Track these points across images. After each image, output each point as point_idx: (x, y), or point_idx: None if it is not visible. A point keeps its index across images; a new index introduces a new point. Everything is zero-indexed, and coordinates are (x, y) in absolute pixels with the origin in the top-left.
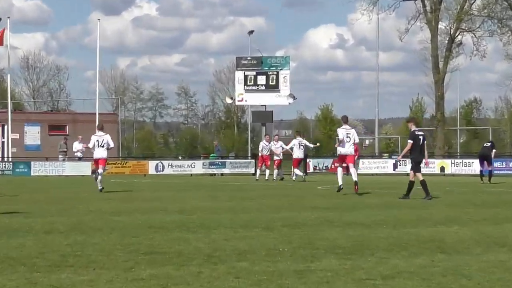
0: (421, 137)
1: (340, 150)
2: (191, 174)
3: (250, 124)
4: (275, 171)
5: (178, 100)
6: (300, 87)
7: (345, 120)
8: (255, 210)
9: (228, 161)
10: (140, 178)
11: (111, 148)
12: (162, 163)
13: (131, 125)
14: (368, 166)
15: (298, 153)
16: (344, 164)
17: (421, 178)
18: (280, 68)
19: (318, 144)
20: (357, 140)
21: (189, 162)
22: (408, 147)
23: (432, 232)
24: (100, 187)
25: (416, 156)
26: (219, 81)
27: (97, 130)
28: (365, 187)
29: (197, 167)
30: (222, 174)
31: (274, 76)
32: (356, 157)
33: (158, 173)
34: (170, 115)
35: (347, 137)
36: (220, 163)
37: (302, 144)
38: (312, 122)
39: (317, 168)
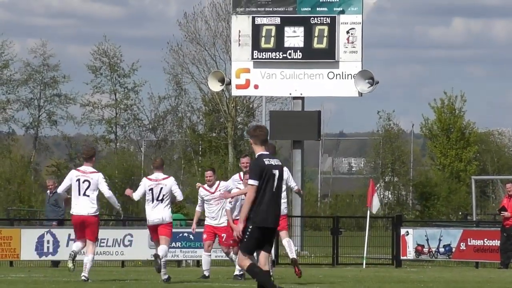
0: None
1: None
2: (123, 264)
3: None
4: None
5: (90, 82)
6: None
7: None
8: None
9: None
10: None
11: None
12: (52, 233)
13: None
14: None
15: None
16: None
17: None
18: (341, 9)
19: None
20: (292, 184)
21: (121, 232)
22: None
23: None
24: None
25: None
26: (194, 40)
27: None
28: None
29: (137, 242)
30: (199, 263)
31: (325, 28)
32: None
33: (43, 258)
34: (72, 120)
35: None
36: (192, 236)
37: None
38: (412, 137)
39: None
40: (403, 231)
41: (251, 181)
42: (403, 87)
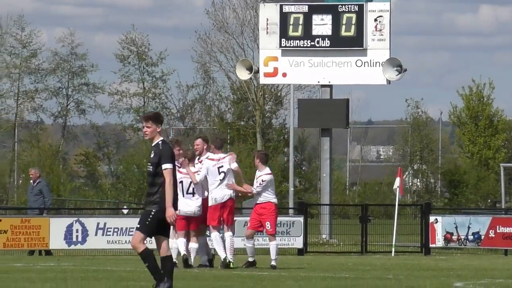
0: None
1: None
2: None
3: (292, 131)
4: None
5: (118, 71)
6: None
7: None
8: None
9: (241, 219)
10: (27, 260)
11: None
12: (81, 222)
13: (8, 130)
14: None
15: None
16: None
17: None
18: None
19: None
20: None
21: None
22: None
23: None
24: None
25: None
26: (222, 29)
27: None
28: None
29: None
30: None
31: (353, 16)
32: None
33: (72, 247)
34: (100, 109)
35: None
36: None
37: None
38: (441, 125)
39: None
40: (432, 219)
41: (169, 165)
42: (431, 74)
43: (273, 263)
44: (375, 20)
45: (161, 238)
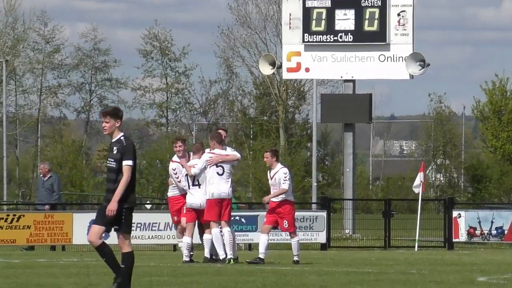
0: None
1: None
2: (174, 248)
3: (315, 126)
4: None
5: (141, 66)
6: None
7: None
8: None
9: (264, 214)
10: (51, 255)
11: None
12: None
13: (31, 126)
14: None
15: None
16: None
17: None
18: None
19: None
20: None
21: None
22: None
23: None
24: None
25: None
26: (245, 24)
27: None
28: None
29: None
30: (250, 247)
31: (376, 11)
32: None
33: None
34: (123, 104)
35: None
36: (244, 219)
37: None
38: (464, 119)
39: None
40: (455, 213)
41: (130, 162)
42: (454, 69)
43: (295, 258)
44: (398, 14)
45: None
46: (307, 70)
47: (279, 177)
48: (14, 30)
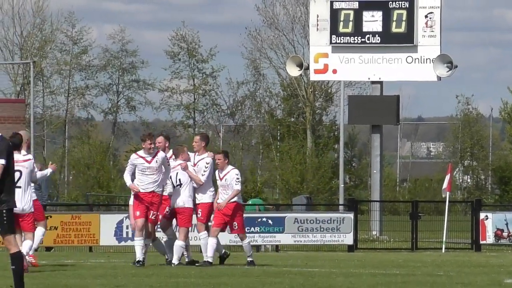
0: None
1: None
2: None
3: (343, 127)
4: None
5: (169, 67)
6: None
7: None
8: None
9: (291, 215)
10: (77, 256)
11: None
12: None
13: (59, 127)
14: None
15: None
16: None
17: None
18: None
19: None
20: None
21: None
22: None
23: None
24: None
25: None
26: (273, 25)
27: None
28: None
29: None
30: (277, 248)
31: (404, 12)
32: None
33: (122, 243)
34: (151, 105)
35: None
36: (270, 221)
37: None
38: (491, 121)
39: None
40: (482, 215)
41: (2, 161)
42: (481, 71)
43: (249, 259)
44: (426, 16)
45: (12, 235)
46: (334, 71)
47: (231, 178)
48: (42, 32)
